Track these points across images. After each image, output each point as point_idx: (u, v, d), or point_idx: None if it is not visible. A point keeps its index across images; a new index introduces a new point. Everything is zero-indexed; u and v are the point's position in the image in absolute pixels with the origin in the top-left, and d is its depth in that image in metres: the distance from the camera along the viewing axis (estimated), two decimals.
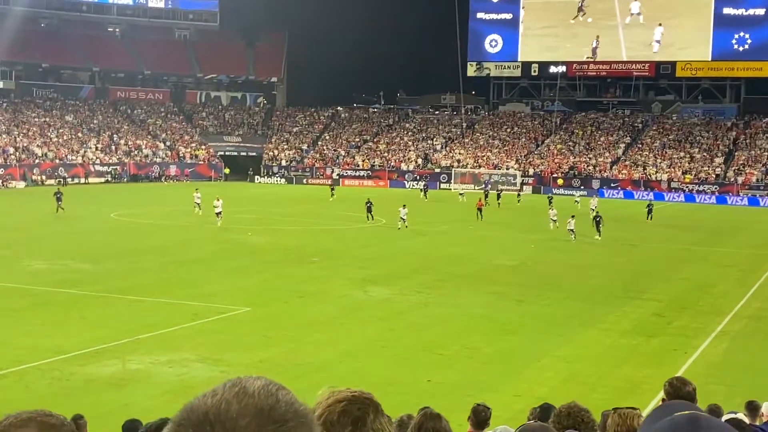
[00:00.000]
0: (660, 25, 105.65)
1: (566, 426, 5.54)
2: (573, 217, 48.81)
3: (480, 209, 58.18)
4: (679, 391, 5.52)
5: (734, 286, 35.57)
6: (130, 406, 18.29)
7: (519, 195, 75.85)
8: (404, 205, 51.02)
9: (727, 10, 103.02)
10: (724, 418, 9.25)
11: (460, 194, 77.22)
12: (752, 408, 10.43)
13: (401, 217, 50.45)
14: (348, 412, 2.35)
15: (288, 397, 1.76)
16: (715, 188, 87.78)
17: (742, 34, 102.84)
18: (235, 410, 1.69)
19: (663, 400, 5.64)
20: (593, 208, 59.71)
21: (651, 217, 59.47)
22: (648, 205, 61.27)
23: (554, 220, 52.15)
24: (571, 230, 47.73)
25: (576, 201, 71.76)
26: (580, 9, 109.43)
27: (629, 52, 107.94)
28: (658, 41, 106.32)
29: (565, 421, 5.58)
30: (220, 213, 50.87)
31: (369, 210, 54.83)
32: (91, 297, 29.76)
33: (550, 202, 61.73)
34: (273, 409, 1.71)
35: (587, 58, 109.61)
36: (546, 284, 34.62)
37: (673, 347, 24.71)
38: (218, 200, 51.37)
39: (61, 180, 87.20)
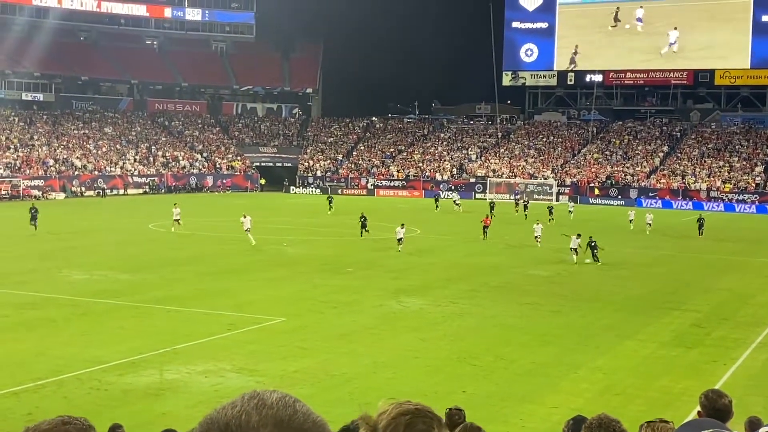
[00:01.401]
0: (675, 29, 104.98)
1: None
2: (578, 236, 43.71)
3: (486, 227, 52.11)
4: (714, 403, 5.46)
5: None
6: (167, 415, 18.42)
7: (551, 213, 65.92)
8: (402, 225, 46.04)
9: (766, 18, 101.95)
10: (763, 429, 9.11)
11: (456, 203, 75.97)
12: (752, 424, 10.22)
13: (398, 239, 45.35)
14: (413, 425, 2.36)
15: (305, 408, 1.80)
16: (755, 197, 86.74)
17: None
18: (255, 421, 1.73)
19: (699, 413, 5.59)
20: (649, 222, 59.08)
21: (702, 232, 55.81)
22: (699, 219, 57.11)
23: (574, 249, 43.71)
24: (574, 249, 43.40)
25: (570, 210, 70.44)
26: (616, 18, 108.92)
27: (659, 60, 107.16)
28: (672, 43, 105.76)
29: None
30: (248, 229, 47.65)
31: (363, 225, 51.78)
32: (129, 307, 30.03)
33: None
34: (291, 419, 1.75)
35: (571, 68, 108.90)
36: (582, 295, 34.39)
37: (713, 358, 24.41)
38: (245, 217, 48.17)
39: (100, 192, 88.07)
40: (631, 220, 61.27)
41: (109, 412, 18.43)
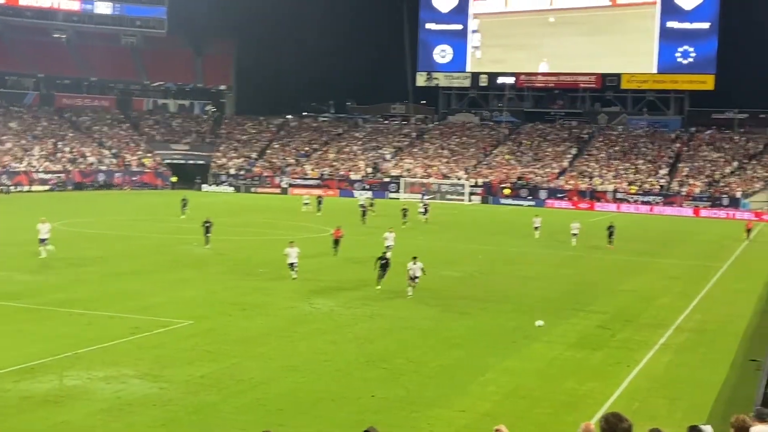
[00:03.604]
0: (584, 34, 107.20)
1: None
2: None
3: (337, 240, 44.70)
4: (615, 427, 5.44)
5: (677, 298, 35.94)
6: (66, 424, 17.84)
7: (405, 216, 62.13)
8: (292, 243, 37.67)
9: (671, 24, 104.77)
10: None
11: (305, 203, 73.66)
12: None
13: (290, 264, 36.77)
14: None
15: None
16: (660, 199, 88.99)
17: (686, 47, 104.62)
18: None
19: None
20: (575, 232, 53.45)
21: (612, 241, 51.82)
22: (609, 228, 52.46)
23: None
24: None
25: (420, 211, 66.85)
26: (528, 23, 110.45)
27: (569, 64, 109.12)
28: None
29: None
30: (44, 240, 41.16)
31: (207, 231, 46.56)
32: (29, 310, 29.08)
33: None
34: None
35: (483, 70, 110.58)
36: (492, 296, 34.67)
37: (617, 360, 24.79)
38: (43, 223, 41.75)
39: (4, 188, 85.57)
40: (536, 228, 56.75)
41: (5, 420, 17.78)
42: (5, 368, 21.65)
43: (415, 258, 33.73)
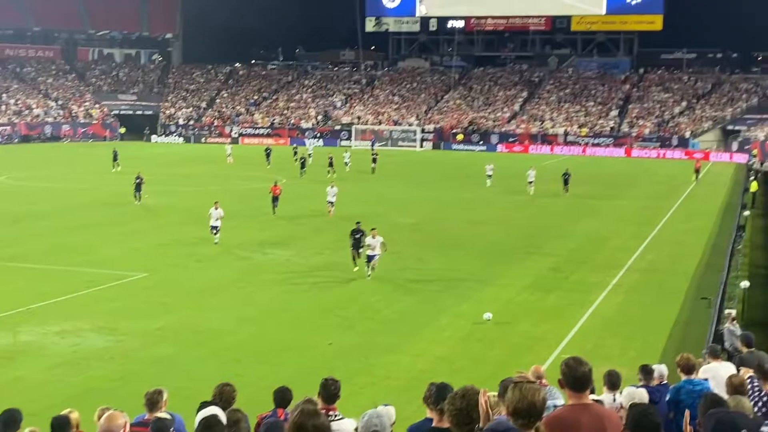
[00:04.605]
0: None
1: (459, 408, 5.41)
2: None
3: (276, 198, 41.15)
4: (575, 372, 5.48)
5: (629, 239, 36.43)
6: (20, 380, 17.73)
7: (331, 165, 59.43)
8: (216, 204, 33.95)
9: None
10: (626, 389, 9.39)
11: (228, 154, 70.23)
12: (646, 372, 10.62)
13: (212, 227, 33.52)
14: None
15: None
16: (610, 141, 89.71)
17: None
18: None
19: (560, 381, 5.61)
20: (531, 180, 51.27)
21: (568, 189, 50.77)
22: (564, 174, 51.31)
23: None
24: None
25: (346, 162, 63.44)
26: None
27: (518, 5, 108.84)
28: None
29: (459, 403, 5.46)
30: None
31: (137, 188, 44.13)
32: None
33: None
34: None
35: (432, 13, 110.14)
36: (445, 242, 34.86)
37: (571, 302, 25.16)
38: None
39: None
40: (489, 176, 55.16)
41: None
42: None
43: (374, 229, 28.03)
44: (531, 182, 51.58)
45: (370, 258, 27.56)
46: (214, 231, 33.16)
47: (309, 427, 4.43)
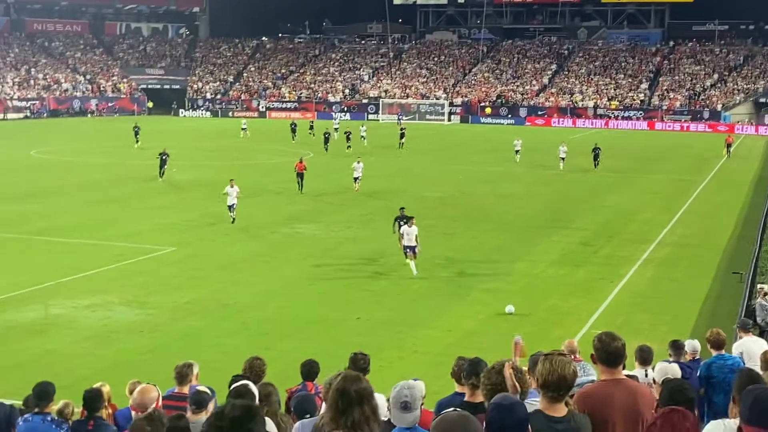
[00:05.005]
0: None
1: (495, 383, 5.34)
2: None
3: (301, 174, 40.06)
4: (607, 347, 5.39)
5: (659, 213, 36.08)
6: (52, 353, 17.86)
7: (349, 140, 59.47)
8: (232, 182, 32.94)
9: None
10: (659, 365, 9.25)
11: (243, 128, 69.17)
12: (676, 347, 10.47)
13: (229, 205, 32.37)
14: None
15: None
16: (641, 114, 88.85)
17: None
18: None
19: (592, 356, 5.52)
20: (562, 156, 50.37)
21: (598, 164, 49.80)
22: (594, 150, 50.21)
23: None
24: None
25: (362, 135, 63.23)
26: None
27: None
28: None
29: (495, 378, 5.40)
30: None
31: (163, 163, 43.58)
32: (9, 240, 28.88)
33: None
34: None
35: None
36: (473, 216, 34.68)
37: (600, 276, 24.96)
38: None
39: None
40: (517, 151, 53.84)
41: None
42: None
43: (412, 218, 25.28)
44: (563, 158, 50.61)
45: (406, 249, 24.75)
46: (232, 210, 32.13)
47: (351, 392, 4.36)
